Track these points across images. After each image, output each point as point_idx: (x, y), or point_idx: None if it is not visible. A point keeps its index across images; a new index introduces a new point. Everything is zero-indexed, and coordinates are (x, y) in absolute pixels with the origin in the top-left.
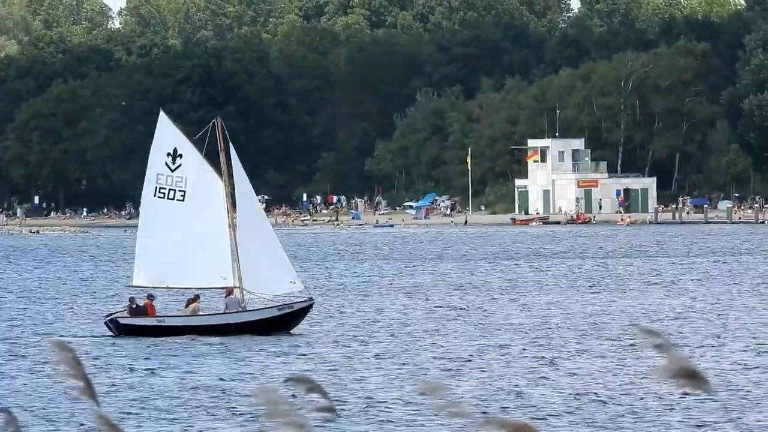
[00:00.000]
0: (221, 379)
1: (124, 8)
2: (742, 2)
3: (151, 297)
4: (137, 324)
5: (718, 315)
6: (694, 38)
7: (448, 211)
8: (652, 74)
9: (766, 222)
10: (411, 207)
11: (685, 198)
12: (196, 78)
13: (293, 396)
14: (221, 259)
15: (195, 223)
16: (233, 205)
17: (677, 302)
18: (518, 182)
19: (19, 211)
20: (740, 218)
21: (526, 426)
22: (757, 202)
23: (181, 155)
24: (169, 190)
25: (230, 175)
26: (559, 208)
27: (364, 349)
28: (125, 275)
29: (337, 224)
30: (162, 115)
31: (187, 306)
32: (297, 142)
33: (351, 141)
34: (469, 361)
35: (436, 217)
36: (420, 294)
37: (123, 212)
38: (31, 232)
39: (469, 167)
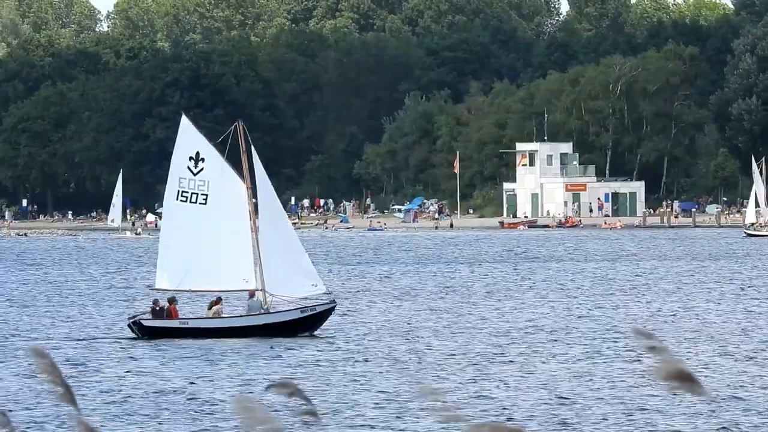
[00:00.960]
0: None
1: (113, 11)
2: (731, 6)
3: (174, 300)
4: (161, 326)
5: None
6: (683, 42)
7: (437, 215)
8: (640, 78)
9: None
10: (399, 210)
11: (669, 202)
12: (184, 81)
13: (269, 404)
14: (243, 262)
15: (217, 226)
16: (255, 207)
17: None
18: (506, 186)
19: (7, 214)
20: (727, 222)
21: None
22: (745, 206)
23: (203, 159)
24: (192, 193)
25: (252, 178)
26: (548, 211)
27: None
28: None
29: (326, 227)
30: (184, 119)
31: (209, 308)
32: (285, 146)
33: (339, 144)
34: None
35: (424, 221)
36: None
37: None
38: (18, 234)
39: (458, 171)
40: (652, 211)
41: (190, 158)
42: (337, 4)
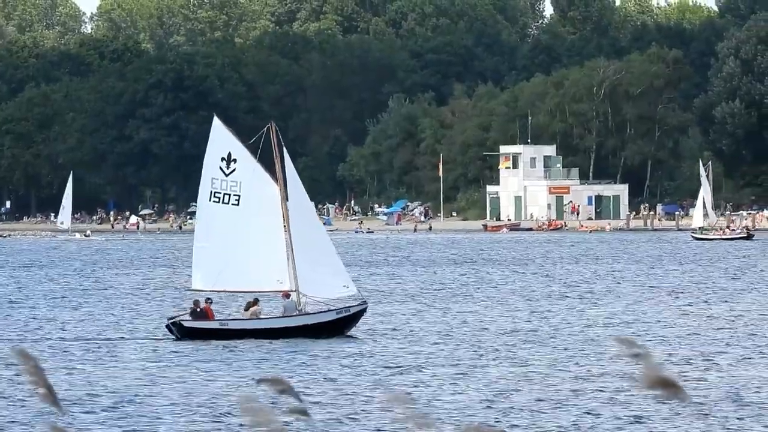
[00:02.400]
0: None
1: (96, 13)
2: (715, 9)
3: (209, 300)
4: (200, 327)
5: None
6: (666, 45)
7: (423, 218)
8: (624, 81)
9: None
10: (382, 213)
11: (647, 205)
12: (168, 83)
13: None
14: (277, 263)
15: (250, 227)
16: (287, 208)
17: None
18: (490, 188)
19: None
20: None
21: None
22: (728, 209)
23: (235, 160)
24: (224, 194)
25: (284, 179)
26: (531, 214)
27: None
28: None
29: None
30: (216, 120)
31: (246, 309)
32: None
33: (323, 146)
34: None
35: (408, 223)
36: None
37: (94, 217)
38: (2, 236)
39: (441, 173)
40: (635, 214)
41: (222, 159)
42: (321, 7)
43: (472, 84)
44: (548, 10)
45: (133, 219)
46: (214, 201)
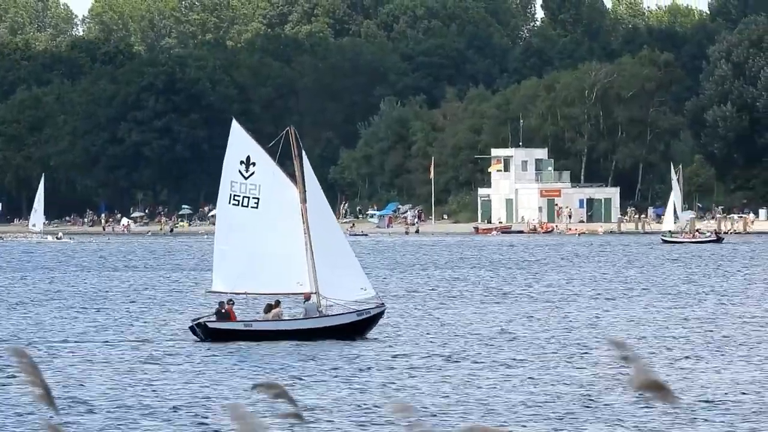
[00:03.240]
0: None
1: (87, 16)
2: (707, 12)
3: (231, 302)
4: (225, 328)
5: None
6: (658, 48)
7: (416, 221)
8: (615, 84)
9: (728, 232)
10: (373, 216)
11: (634, 209)
12: (159, 85)
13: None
14: (297, 265)
15: (269, 229)
16: (306, 211)
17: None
18: (481, 191)
19: None
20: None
21: None
22: (719, 213)
23: (254, 163)
24: (243, 197)
25: (303, 182)
26: (522, 217)
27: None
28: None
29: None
30: (234, 124)
31: (266, 312)
32: None
33: (315, 149)
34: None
35: (399, 226)
36: None
37: (85, 219)
38: None
39: (432, 176)
40: (628, 218)
41: (241, 162)
42: (313, 9)
43: (464, 87)
44: (539, 13)
45: (124, 221)
46: (233, 204)
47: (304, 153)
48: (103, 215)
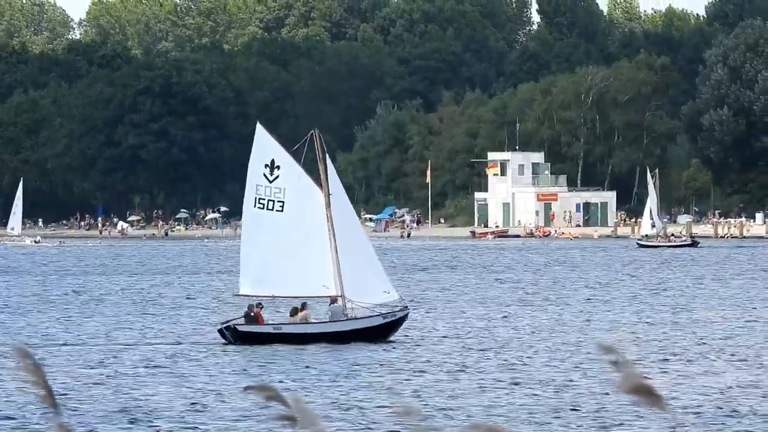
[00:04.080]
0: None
1: (84, 19)
2: (704, 15)
3: (260, 305)
4: (254, 331)
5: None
6: (654, 52)
7: (416, 225)
8: (612, 88)
9: (726, 237)
10: (370, 220)
11: (623, 213)
12: (156, 88)
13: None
14: (322, 268)
15: (294, 233)
16: (331, 214)
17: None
18: (478, 195)
19: None
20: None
21: None
22: (715, 217)
23: (278, 166)
24: (268, 200)
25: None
26: (519, 221)
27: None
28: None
29: None
30: (259, 127)
31: (292, 315)
32: None
33: (311, 154)
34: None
35: (395, 230)
36: None
37: (83, 222)
38: None
39: (429, 180)
40: (623, 222)
41: (266, 166)
42: (310, 13)
43: (460, 90)
44: (535, 16)
45: (120, 225)
46: (258, 207)
47: (328, 156)
48: (99, 219)
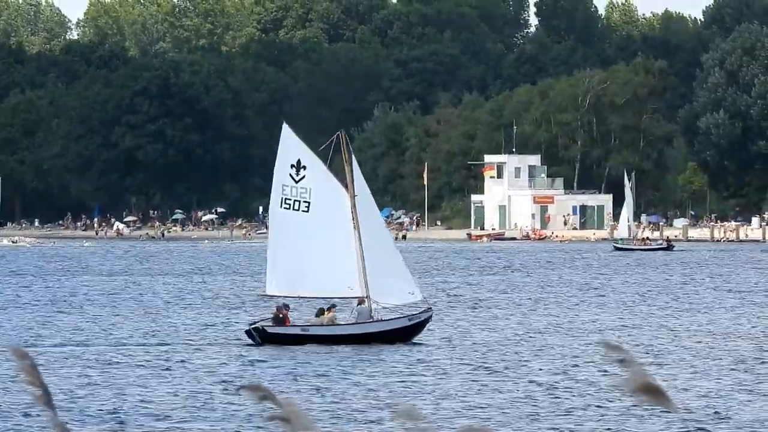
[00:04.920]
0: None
1: (82, 19)
2: (701, 19)
3: (287, 307)
4: (283, 333)
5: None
6: (652, 56)
7: (415, 227)
8: (609, 91)
9: (721, 241)
10: None
11: (609, 213)
12: (153, 90)
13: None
14: (347, 270)
15: (320, 233)
16: (357, 215)
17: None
18: (474, 198)
19: None
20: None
21: None
22: (712, 221)
23: (304, 167)
24: (294, 201)
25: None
26: (515, 224)
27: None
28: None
29: None
30: (285, 128)
31: (318, 316)
32: (254, 155)
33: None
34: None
35: (392, 232)
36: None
37: (79, 223)
38: None
39: (426, 182)
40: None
41: (292, 166)
42: (307, 15)
43: (458, 93)
44: (533, 19)
45: (117, 226)
46: (284, 207)
47: (354, 157)
48: (96, 219)
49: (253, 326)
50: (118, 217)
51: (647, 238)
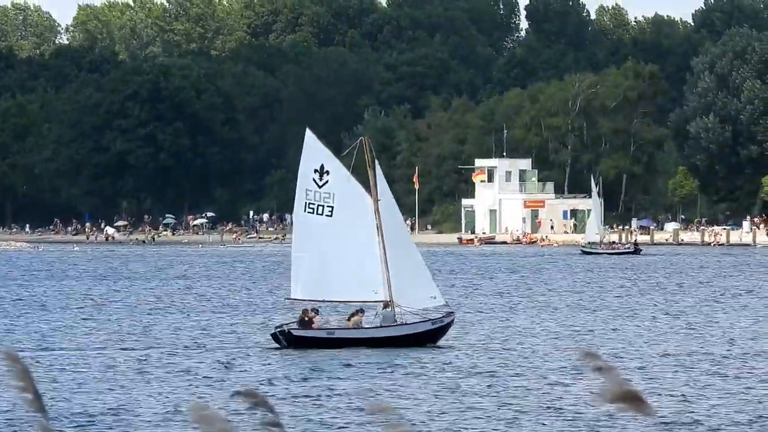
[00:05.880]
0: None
1: (71, 24)
2: (691, 23)
3: (315, 311)
4: (308, 336)
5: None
6: (642, 60)
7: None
8: (599, 95)
9: (711, 245)
10: None
11: (604, 226)
12: (144, 94)
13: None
14: (371, 274)
15: (344, 238)
16: (381, 220)
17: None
18: (465, 202)
19: None
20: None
21: None
22: (703, 225)
23: (327, 172)
24: (318, 205)
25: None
26: (506, 228)
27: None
28: None
29: (283, 242)
30: (308, 133)
31: (348, 319)
32: (245, 159)
33: (299, 159)
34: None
35: None
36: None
37: (69, 228)
38: None
39: (416, 186)
40: (611, 229)
41: (315, 171)
42: (297, 19)
43: (448, 97)
44: (523, 23)
45: (107, 230)
46: (308, 212)
47: (377, 162)
48: (87, 224)
49: (278, 329)
50: (109, 222)
51: (614, 242)
